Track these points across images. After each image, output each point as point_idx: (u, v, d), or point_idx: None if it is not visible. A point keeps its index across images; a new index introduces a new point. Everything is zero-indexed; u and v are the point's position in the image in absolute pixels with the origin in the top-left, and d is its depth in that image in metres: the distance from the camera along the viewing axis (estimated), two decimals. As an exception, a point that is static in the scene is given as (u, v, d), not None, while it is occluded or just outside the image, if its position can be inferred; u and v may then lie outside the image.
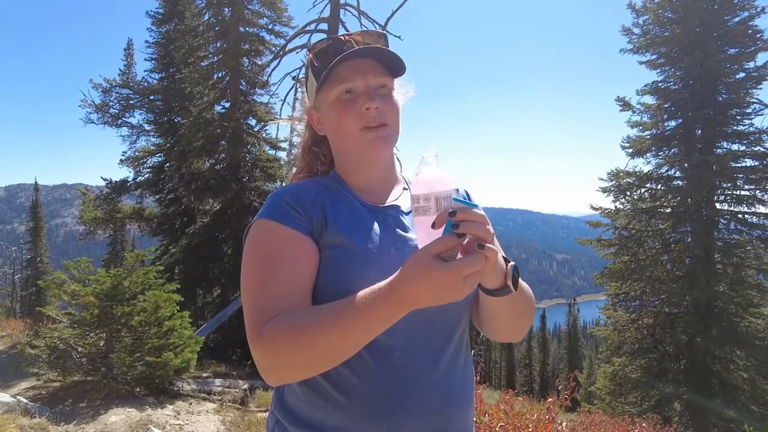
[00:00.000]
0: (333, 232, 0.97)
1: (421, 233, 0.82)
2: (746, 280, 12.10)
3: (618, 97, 13.51)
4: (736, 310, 11.93)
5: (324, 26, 13.57)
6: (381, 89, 1.02)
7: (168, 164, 14.36)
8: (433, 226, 0.79)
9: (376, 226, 1.02)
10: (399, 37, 11.90)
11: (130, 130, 14.95)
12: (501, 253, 0.98)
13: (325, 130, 1.08)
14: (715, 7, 12.46)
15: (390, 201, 1.09)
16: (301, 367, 0.86)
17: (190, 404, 5.94)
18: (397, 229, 1.03)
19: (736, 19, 12.46)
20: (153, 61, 15.36)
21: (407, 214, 1.08)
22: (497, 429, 2.78)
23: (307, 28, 13.37)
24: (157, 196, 14.70)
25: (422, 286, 0.74)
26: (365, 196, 1.07)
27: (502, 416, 3.02)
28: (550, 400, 3.42)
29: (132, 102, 14.90)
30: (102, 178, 14.48)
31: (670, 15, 12.99)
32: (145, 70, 16.17)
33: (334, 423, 0.95)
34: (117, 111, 14.72)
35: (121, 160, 14.61)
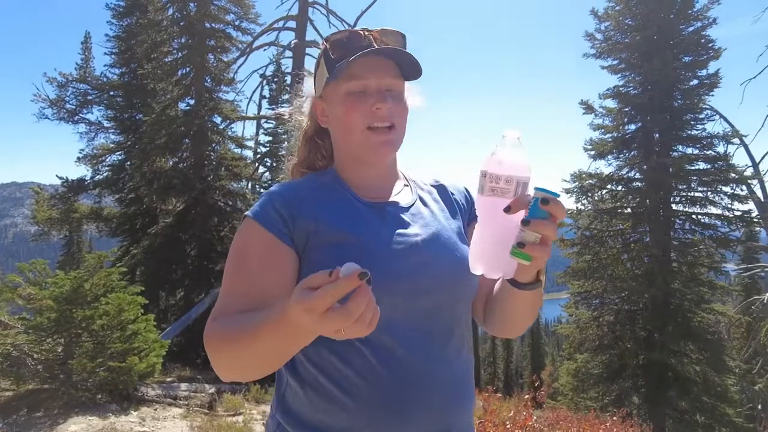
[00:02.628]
0: (329, 232, 0.96)
1: (487, 214, 0.81)
2: (699, 277, 12.67)
3: (582, 100, 13.90)
4: (690, 307, 12.47)
5: (292, 24, 13.45)
6: (392, 91, 1.01)
7: (129, 162, 13.81)
8: (508, 210, 0.78)
9: (374, 223, 1.00)
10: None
11: (88, 127, 14.30)
12: None
13: (329, 122, 1.06)
14: (672, 16, 13.01)
15: (390, 198, 1.07)
16: (234, 370, 0.89)
17: (156, 410, 5.74)
18: (397, 226, 1.01)
19: (690, 29, 13.07)
20: (113, 56, 14.73)
21: (407, 210, 1.06)
22: (476, 426, 2.81)
23: (275, 26, 13.22)
24: (117, 196, 14.12)
25: (295, 309, 0.67)
26: (364, 193, 1.05)
27: (481, 413, 3.05)
28: (527, 396, 3.49)
29: (90, 97, 14.25)
30: (57, 176, 13.82)
31: (630, 22, 13.46)
32: (104, 65, 15.59)
33: (338, 425, 0.93)
34: (74, 106, 14.07)
35: (78, 157, 13.96)
